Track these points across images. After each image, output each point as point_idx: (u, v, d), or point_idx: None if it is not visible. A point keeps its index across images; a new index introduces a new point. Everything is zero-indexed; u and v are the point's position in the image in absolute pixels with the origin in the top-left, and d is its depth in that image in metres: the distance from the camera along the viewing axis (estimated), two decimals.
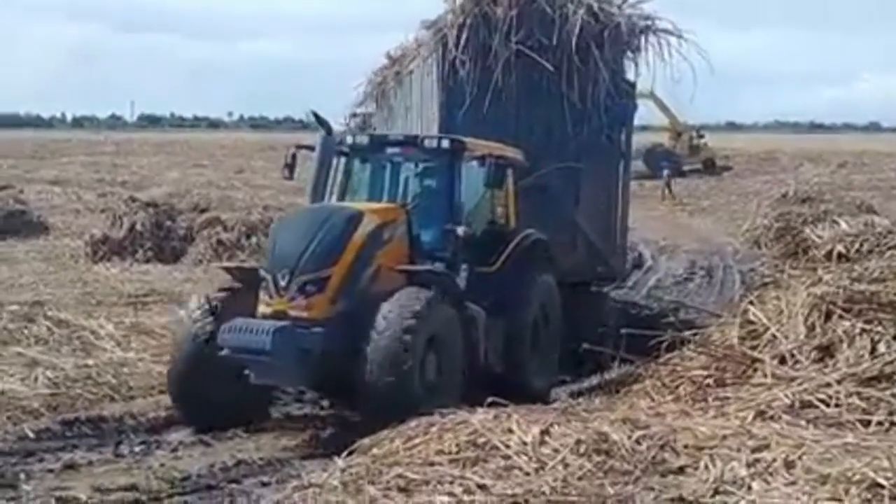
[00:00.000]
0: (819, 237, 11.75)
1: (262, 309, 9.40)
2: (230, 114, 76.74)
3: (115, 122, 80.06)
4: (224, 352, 9.17)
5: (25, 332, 11.97)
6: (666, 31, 13.53)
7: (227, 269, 10.57)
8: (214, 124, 71.93)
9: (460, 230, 10.47)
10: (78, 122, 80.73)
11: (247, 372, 9.13)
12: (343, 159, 11.23)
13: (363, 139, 11.33)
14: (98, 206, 29.72)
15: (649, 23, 13.60)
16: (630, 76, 13.66)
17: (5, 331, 11.97)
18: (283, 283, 9.32)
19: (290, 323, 9.15)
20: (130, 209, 22.68)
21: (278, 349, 8.95)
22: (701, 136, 40.32)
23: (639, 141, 38.83)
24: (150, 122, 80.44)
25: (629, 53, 13.55)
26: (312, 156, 11.05)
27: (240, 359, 9.11)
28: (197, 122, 79.46)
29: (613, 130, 13.48)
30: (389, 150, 11.11)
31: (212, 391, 9.30)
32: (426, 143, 10.79)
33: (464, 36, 13.02)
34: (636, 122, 14.55)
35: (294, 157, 11.28)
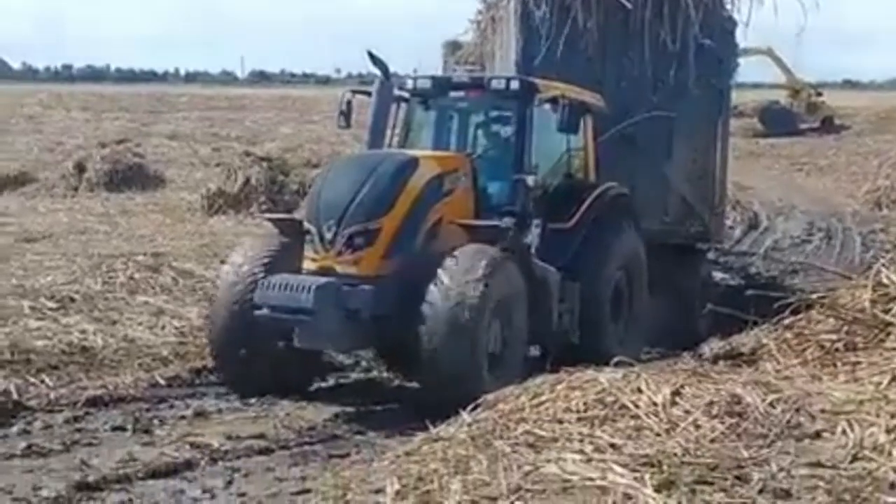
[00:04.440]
0: None
1: (306, 265, 8.65)
2: (338, 70, 77.01)
3: (226, 78, 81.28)
4: (263, 311, 8.42)
5: (151, 281, 12.28)
6: None
7: (274, 221, 9.78)
8: (324, 80, 72.40)
9: (530, 180, 9.64)
10: (191, 78, 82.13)
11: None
12: (403, 105, 10.34)
13: (425, 82, 10.28)
14: (213, 160, 30.25)
15: None
16: (735, 15, 12.58)
17: (132, 280, 12.29)
18: (328, 236, 8.54)
19: (335, 279, 8.34)
20: (245, 164, 23.08)
21: (322, 308, 8.16)
22: (819, 94, 39.08)
23: (755, 99, 38.11)
24: (261, 77, 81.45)
25: None
26: (369, 102, 9.99)
27: (281, 319, 8.37)
28: (306, 79, 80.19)
29: (710, 75, 12.43)
30: (454, 94, 10.20)
31: (257, 355, 8.65)
32: (493, 84, 9.90)
33: None
34: (752, 79, 13.76)
35: (349, 103, 10.21)
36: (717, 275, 14.90)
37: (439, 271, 8.31)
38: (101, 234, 18.24)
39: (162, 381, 9.00)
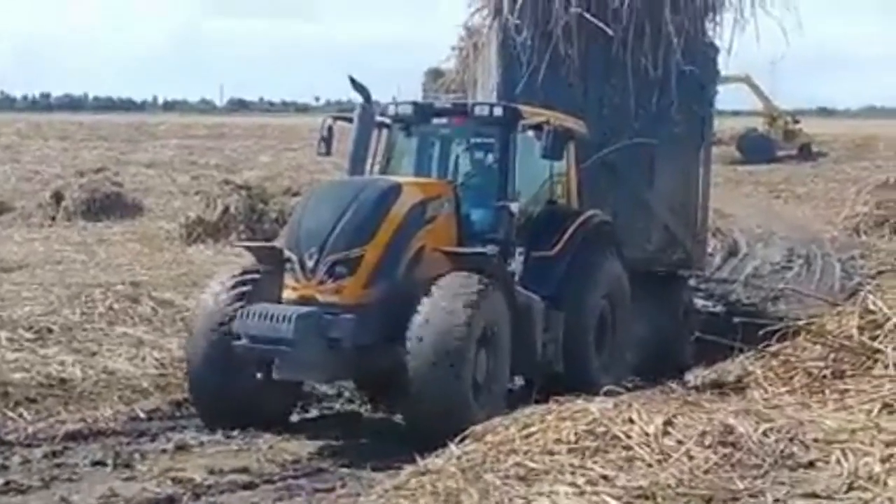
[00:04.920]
0: None
1: (287, 294, 8.47)
2: (317, 98, 77.09)
3: (205, 106, 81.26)
4: (241, 341, 8.25)
5: (130, 312, 12.13)
6: None
7: (251, 249, 9.61)
8: (302, 108, 72.41)
9: (514, 207, 9.53)
10: (169, 106, 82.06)
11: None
12: (385, 132, 10.21)
13: (406, 108, 10.14)
14: (191, 188, 30.12)
15: None
16: (717, 42, 12.60)
17: (111, 310, 12.14)
18: (310, 265, 8.37)
19: (317, 309, 8.20)
20: (224, 192, 22.96)
21: (302, 338, 8.00)
22: (797, 122, 39.40)
23: (733, 126, 38.32)
24: (239, 105, 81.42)
25: (710, 15, 12.50)
26: (350, 128, 9.73)
27: (260, 350, 8.22)
28: (285, 107, 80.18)
29: (691, 102, 12.39)
30: (436, 121, 10.09)
31: (235, 387, 8.44)
32: (477, 111, 9.83)
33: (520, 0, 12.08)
34: (731, 106, 13.70)
35: (330, 129, 10.05)
36: (699, 302, 14.89)
37: (424, 300, 8.18)
38: (78, 264, 18.06)
39: (142, 414, 8.85)
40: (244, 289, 8.61)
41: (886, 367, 8.09)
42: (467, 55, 15.98)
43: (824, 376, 8.45)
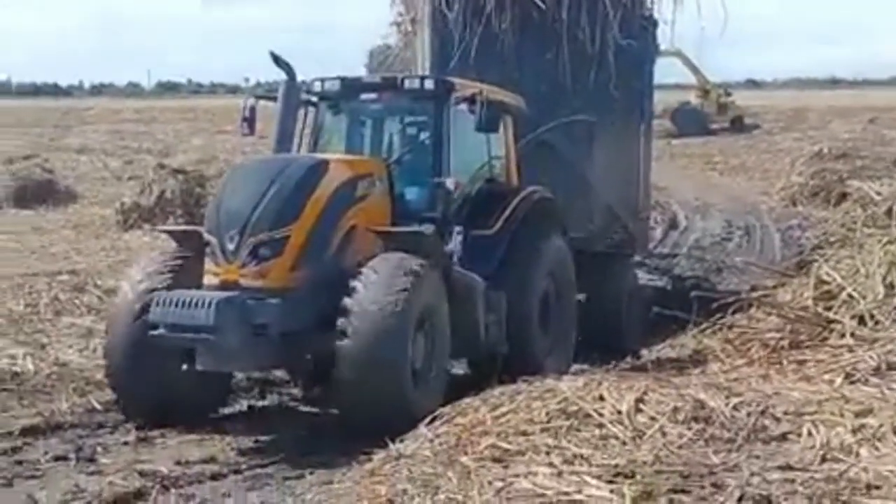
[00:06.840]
0: (878, 194, 11.38)
1: (207, 279, 7.96)
2: (247, 79, 75.41)
3: (133, 90, 79.65)
4: (159, 331, 7.73)
5: (76, 301, 11.91)
6: None
7: (171, 233, 9.10)
8: (232, 90, 71.21)
9: (450, 183, 9.16)
10: (97, 90, 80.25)
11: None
12: (312, 110, 9.80)
13: (333, 84, 9.64)
14: (125, 173, 29.71)
15: None
16: (654, 13, 12.32)
17: (56, 301, 11.90)
18: (231, 247, 7.88)
19: (239, 293, 7.69)
20: (159, 176, 22.61)
21: (224, 325, 7.49)
22: (728, 94, 39.83)
23: (666, 100, 38.61)
24: (167, 88, 79.84)
25: None
26: (275, 107, 9.24)
27: (180, 339, 7.70)
28: (214, 89, 78.73)
29: (630, 77, 12.07)
30: (365, 97, 9.66)
31: (159, 380, 7.98)
32: (407, 84, 9.39)
33: None
34: (667, 80, 13.32)
35: (253, 109, 9.60)
36: (644, 276, 14.89)
37: (356, 282, 7.70)
38: (13, 253, 17.70)
39: (99, 406, 8.56)
40: (165, 275, 8.14)
41: (843, 336, 8.23)
42: (406, 31, 15.64)
43: (782, 347, 8.57)
